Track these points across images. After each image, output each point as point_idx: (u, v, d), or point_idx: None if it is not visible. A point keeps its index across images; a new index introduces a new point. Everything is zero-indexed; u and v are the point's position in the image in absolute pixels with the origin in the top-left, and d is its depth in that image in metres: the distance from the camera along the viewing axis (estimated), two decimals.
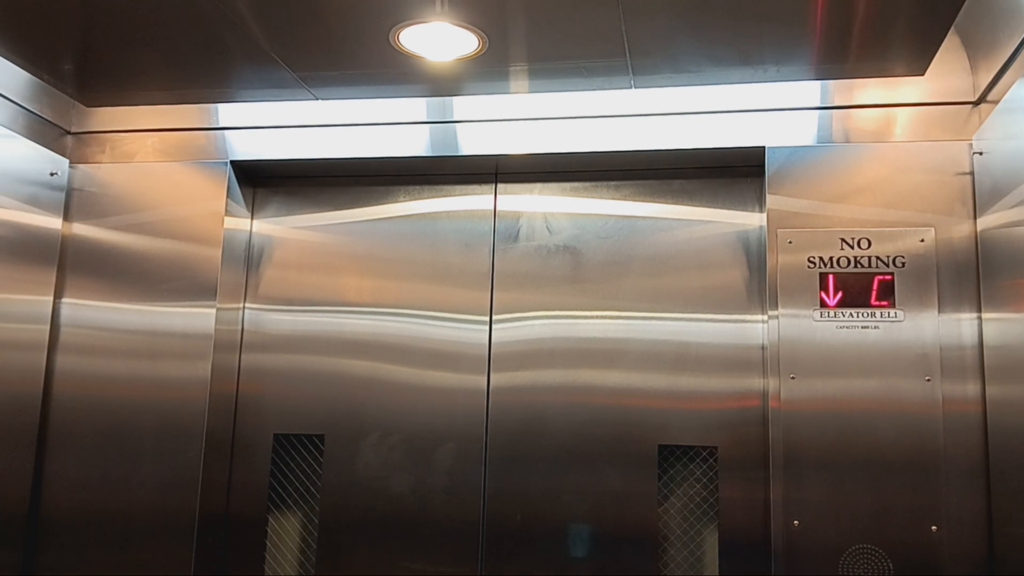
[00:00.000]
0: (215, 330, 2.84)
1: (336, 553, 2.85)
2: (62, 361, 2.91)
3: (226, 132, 3.00)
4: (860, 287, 2.48)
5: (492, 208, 2.96)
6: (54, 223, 2.93)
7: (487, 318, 2.88)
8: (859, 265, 2.49)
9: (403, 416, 2.87)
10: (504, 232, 2.93)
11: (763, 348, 2.66)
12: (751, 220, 2.78)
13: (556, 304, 2.85)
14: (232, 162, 2.95)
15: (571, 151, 2.78)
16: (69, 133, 3.07)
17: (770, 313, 2.55)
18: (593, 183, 2.91)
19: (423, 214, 3.00)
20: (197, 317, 2.85)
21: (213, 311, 2.85)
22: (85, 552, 2.79)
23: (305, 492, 2.96)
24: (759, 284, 2.71)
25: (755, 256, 2.75)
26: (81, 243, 2.97)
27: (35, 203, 2.84)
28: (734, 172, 2.80)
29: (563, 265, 2.87)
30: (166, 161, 3.00)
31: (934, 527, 2.33)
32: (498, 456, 2.80)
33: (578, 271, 2.86)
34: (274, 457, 2.96)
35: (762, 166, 2.64)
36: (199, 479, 2.76)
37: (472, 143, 2.86)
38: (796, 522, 2.41)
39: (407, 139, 2.90)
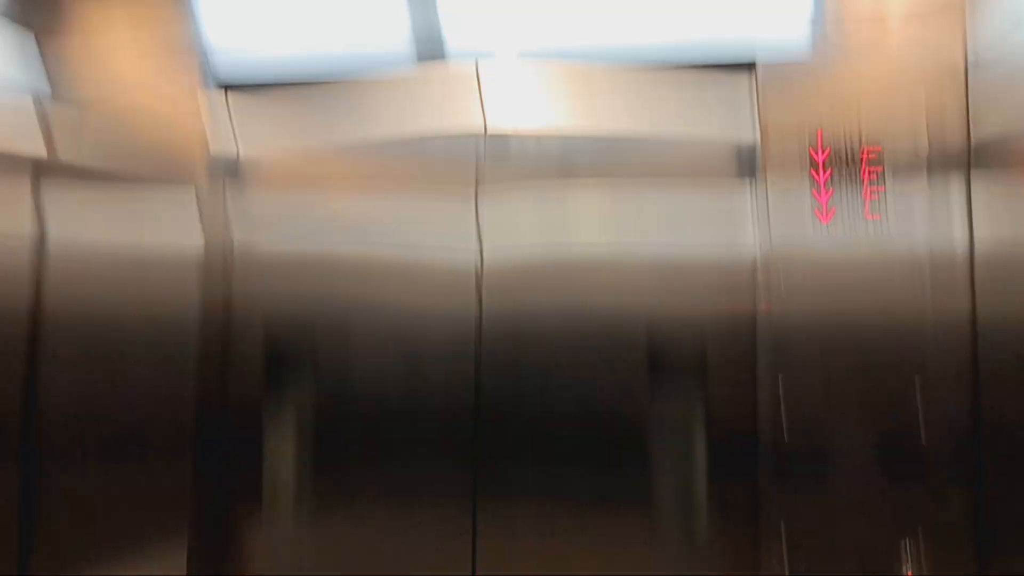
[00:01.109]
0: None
1: (334, 449, 2.89)
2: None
3: None
4: (852, 193, 2.44)
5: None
6: None
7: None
8: (852, 169, 2.45)
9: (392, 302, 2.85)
10: None
11: (754, 255, 2.62)
12: (743, 120, 2.69)
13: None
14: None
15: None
16: None
17: (762, 218, 2.52)
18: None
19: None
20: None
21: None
22: (83, 467, 2.84)
23: (300, 389, 2.96)
24: (751, 189, 2.66)
25: (747, 159, 2.68)
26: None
27: None
28: (725, 69, 2.69)
29: (552, 150, 2.80)
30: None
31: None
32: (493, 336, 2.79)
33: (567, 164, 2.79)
34: (267, 352, 2.95)
35: (753, 64, 2.56)
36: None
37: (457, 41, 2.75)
38: (785, 423, 2.45)
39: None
